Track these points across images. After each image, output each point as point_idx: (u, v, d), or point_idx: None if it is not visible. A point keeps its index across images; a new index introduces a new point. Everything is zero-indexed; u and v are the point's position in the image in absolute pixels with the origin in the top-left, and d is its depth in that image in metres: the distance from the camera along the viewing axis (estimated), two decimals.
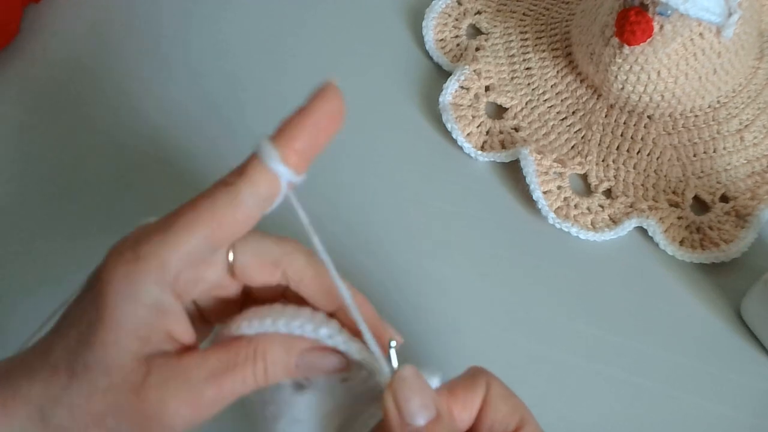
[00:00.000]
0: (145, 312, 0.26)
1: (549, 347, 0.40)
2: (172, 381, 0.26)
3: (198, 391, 0.26)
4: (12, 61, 0.52)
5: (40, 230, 0.45)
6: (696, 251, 0.41)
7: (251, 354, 0.27)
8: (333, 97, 0.30)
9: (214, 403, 0.26)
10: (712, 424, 0.37)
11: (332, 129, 0.30)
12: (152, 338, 0.26)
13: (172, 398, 0.26)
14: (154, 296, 0.26)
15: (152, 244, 0.26)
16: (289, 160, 0.28)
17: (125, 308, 0.26)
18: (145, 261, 0.26)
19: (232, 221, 0.27)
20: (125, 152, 0.47)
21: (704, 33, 0.41)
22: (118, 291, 0.26)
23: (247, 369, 0.27)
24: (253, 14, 0.53)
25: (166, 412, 0.25)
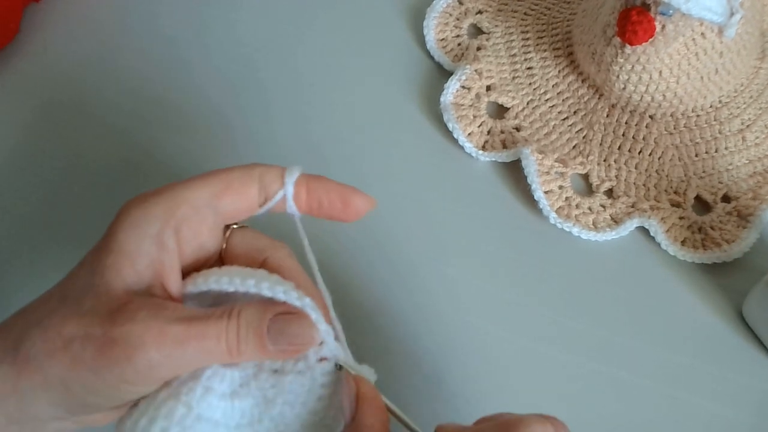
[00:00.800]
0: (147, 243, 0.28)
1: (549, 347, 0.40)
2: (145, 310, 0.26)
3: (167, 326, 0.26)
4: (12, 60, 0.51)
5: (40, 229, 0.45)
6: (698, 251, 0.41)
7: (226, 311, 0.27)
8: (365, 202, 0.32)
9: (177, 346, 0.26)
10: (713, 425, 0.37)
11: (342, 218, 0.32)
12: (146, 275, 0.27)
13: (140, 324, 0.26)
14: (158, 229, 0.28)
15: (167, 188, 0.29)
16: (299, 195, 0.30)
17: (129, 234, 0.28)
18: (157, 198, 0.28)
19: (238, 191, 0.29)
20: (125, 152, 0.47)
21: (706, 33, 0.41)
22: (127, 220, 0.28)
23: (221, 323, 0.27)
24: (253, 14, 0.53)
25: (130, 336, 0.26)
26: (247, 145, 0.47)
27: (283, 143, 0.47)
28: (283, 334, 0.28)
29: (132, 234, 0.28)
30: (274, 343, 0.27)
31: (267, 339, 0.27)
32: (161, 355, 0.26)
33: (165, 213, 0.28)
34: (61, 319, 0.27)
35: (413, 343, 0.40)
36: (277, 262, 0.31)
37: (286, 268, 0.31)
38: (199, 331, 0.26)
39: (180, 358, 0.26)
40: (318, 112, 0.48)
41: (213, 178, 0.29)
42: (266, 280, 0.29)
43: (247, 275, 0.29)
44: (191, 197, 0.29)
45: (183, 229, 0.28)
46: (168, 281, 0.28)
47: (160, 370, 0.26)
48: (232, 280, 0.28)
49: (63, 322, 0.26)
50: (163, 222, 0.28)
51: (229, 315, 0.27)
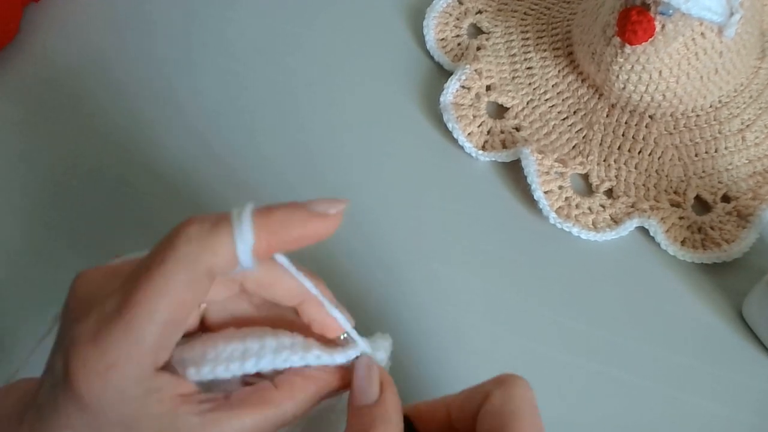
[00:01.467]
0: (139, 402, 0.24)
1: (549, 347, 0.40)
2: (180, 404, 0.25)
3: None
4: (12, 60, 0.51)
5: (40, 229, 0.45)
6: (697, 251, 0.41)
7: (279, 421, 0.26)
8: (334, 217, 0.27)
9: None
10: (713, 425, 0.37)
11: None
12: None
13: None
14: (143, 388, 0.24)
15: (117, 344, 0.24)
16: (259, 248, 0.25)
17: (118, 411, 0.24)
18: (116, 368, 0.24)
19: (189, 303, 0.25)
20: (125, 152, 0.47)
21: (706, 32, 0.41)
22: (102, 406, 0.24)
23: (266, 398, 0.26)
24: (253, 14, 0.53)
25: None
26: (245, 145, 0.47)
27: (282, 143, 0.47)
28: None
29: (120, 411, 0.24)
30: None
31: None
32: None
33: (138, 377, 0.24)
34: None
35: (413, 342, 0.40)
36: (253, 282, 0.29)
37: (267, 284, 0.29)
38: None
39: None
40: (317, 112, 0.48)
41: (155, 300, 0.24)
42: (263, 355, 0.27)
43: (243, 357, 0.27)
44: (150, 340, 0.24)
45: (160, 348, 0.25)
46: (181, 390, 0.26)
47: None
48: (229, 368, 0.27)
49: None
50: (142, 384, 0.24)
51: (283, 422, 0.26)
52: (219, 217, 0.25)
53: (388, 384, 0.28)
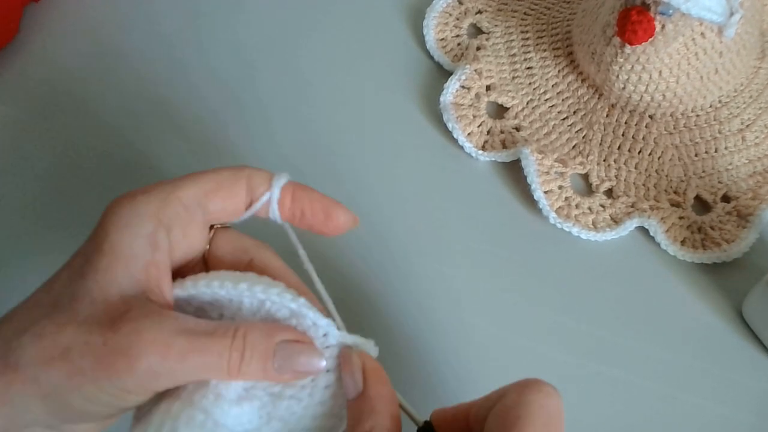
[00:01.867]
0: (141, 243, 0.27)
1: (549, 347, 0.40)
2: (148, 319, 0.26)
3: (170, 338, 0.26)
4: (12, 60, 0.51)
5: (40, 228, 0.45)
6: (697, 251, 0.41)
7: (231, 329, 0.27)
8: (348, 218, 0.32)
9: (180, 359, 0.25)
10: (713, 425, 0.37)
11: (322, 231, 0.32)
12: (140, 279, 0.27)
13: (145, 335, 0.25)
14: (151, 228, 0.27)
15: (157, 186, 0.28)
16: (284, 202, 0.31)
17: (122, 236, 0.27)
18: (147, 196, 0.28)
19: (228, 191, 0.29)
20: (125, 152, 0.47)
21: (706, 32, 0.41)
22: (117, 219, 0.27)
23: (225, 341, 0.26)
24: (253, 14, 0.53)
25: (133, 347, 0.25)
26: (245, 146, 0.47)
27: (283, 143, 0.47)
28: (290, 362, 0.27)
29: (124, 234, 0.27)
30: (278, 370, 0.27)
31: (272, 363, 0.27)
32: (163, 367, 0.25)
33: (156, 211, 0.28)
34: (57, 326, 0.26)
35: (412, 342, 0.40)
36: (263, 262, 0.31)
37: (273, 268, 0.30)
38: (203, 345, 0.26)
39: (180, 371, 0.26)
40: (317, 111, 0.48)
41: (202, 177, 0.29)
42: (258, 283, 0.28)
43: (238, 279, 0.28)
44: (182, 195, 0.28)
45: (174, 229, 0.28)
46: (163, 284, 0.27)
47: (158, 381, 0.26)
48: (224, 284, 0.28)
49: (59, 329, 0.26)
50: (155, 221, 0.27)
51: (234, 334, 0.26)
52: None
53: (373, 374, 0.28)
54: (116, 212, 0.28)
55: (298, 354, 0.27)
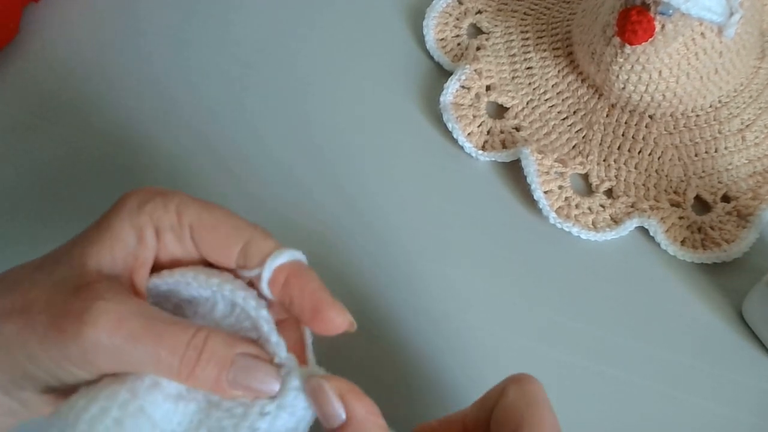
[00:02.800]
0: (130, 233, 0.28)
1: (549, 347, 0.40)
2: (112, 292, 0.26)
3: (127, 315, 0.25)
4: (11, 60, 0.51)
5: (40, 230, 0.45)
6: (697, 251, 0.41)
7: (193, 326, 0.26)
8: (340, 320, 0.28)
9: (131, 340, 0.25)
10: (713, 425, 0.37)
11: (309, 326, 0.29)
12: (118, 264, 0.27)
13: (101, 304, 0.25)
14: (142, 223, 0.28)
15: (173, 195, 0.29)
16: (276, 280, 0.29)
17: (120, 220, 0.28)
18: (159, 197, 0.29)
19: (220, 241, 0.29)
20: (126, 151, 0.47)
21: (706, 32, 0.41)
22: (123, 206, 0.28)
23: (185, 336, 0.26)
24: (253, 15, 0.53)
25: (85, 313, 0.25)
26: (246, 145, 0.47)
27: (282, 143, 0.47)
28: (247, 375, 0.26)
29: (121, 219, 0.28)
30: (231, 382, 0.26)
31: (227, 373, 0.26)
32: (110, 342, 0.25)
33: (153, 212, 0.28)
34: (30, 284, 0.27)
35: (412, 342, 0.40)
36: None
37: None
38: (159, 332, 0.25)
39: (127, 353, 0.25)
40: (317, 111, 0.48)
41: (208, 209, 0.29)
42: (230, 283, 0.28)
43: (212, 274, 0.28)
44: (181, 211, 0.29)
45: (165, 236, 0.29)
46: (137, 276, 0.28)
47: (103, 357, 0.25)
48: (197, 277, 0.28)
49: (30, 287, 0.26)
50: (148, 219, 0.28)
51: (195, 333, 0.26)
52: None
53: (351, 394, 0.26)
54: (125, 200, 0.29)
55: (255, 370, 0.26)
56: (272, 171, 0.46)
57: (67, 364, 0.25)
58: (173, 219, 0.29)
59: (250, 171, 0.46)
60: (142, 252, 0.28)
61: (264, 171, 0.46)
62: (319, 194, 0.45)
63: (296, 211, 0.44)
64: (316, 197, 0.45)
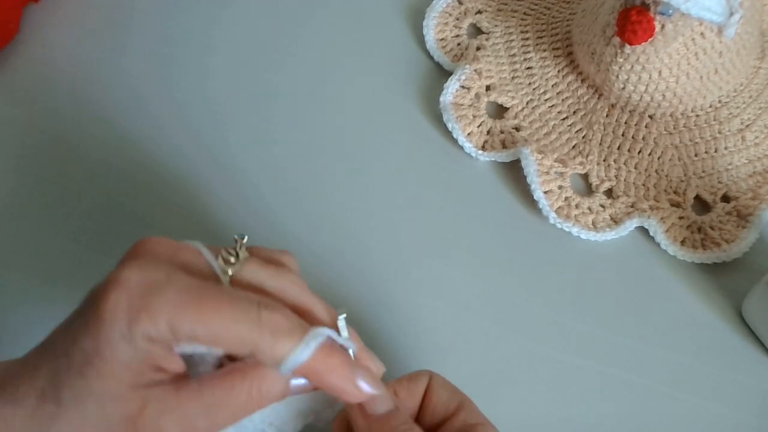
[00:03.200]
0: (140, 352, 0.26)
1: (550, 347, 0.40)
2: (168, 414, 0.26)
3: (192, 422, 0.27)
4: (11, 61, 0.51)
5: (39, 230, 0.45)
6: (697, 251, 0.41)
7: (246, 388, 0.27)
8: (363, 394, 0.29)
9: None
10: (713, 425, 0.37)
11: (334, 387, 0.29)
12: (145, 372, 0.26)
13: (168, 429, 0.26)
14: (148, 342, 0.26)
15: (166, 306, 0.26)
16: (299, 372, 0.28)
17: (123, 345, 0.25)
18: (151, 316, 0.25)
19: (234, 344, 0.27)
20: (125, 151, 0.47)
21: (705, 32, 0.41)
22: (117, 328, 0.25)
23: (241, 400, 0.27)
24: (253, 14, 0.53)
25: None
26: (246, 145, 0.47)
27: (282, 143, 0.47)
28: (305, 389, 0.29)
29: (124, 346, 0.26)
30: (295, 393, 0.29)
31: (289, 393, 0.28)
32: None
33: (157, 332, 0.26)
34: (74, 428, 0.26)
35: (412, 342, 0.40)
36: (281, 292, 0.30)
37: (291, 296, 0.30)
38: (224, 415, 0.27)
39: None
40: (316, 112, 0.48)
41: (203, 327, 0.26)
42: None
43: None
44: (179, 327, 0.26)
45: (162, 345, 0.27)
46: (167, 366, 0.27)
47: None
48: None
49: (78, 430, 0.26)
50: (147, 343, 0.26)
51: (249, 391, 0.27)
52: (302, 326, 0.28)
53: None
54: (114, 320, 0.26)
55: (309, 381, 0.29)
56: (271, 171, 0.46)
57: None
58: (167, 336, 0.26)
59: (249, 171, 0.46)
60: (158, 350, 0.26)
61: (263, 171, 0.46)
62: (318, 194, 0.45)
63: (296, 211, 0.44)
64: (316, 197, 0.45)
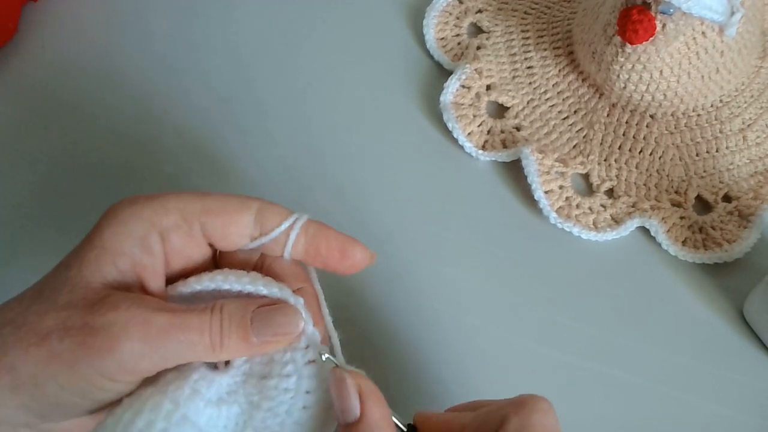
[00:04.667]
0: (131, 243, 0.27)
1: (550, 347, 0.40)
2: (128, 301, 0.26)
3: (151, 315, 0.26)
4: (10, 60, 0.51)
5: (39, 228, 0.45)
6: (698, 251, 0.41)
7: (209, 305, 0.27)
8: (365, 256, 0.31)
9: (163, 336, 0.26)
10: (714, 425, 0.37)
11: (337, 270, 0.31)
12: (127, 275, 0.27)
13: (124, 313, 0.25)
14: (144, 231, 0.27)
15: (160, 194, 0.28)
16: (297, 240, 0.30)
17: (114, 232, 0.27)
18: (148, 201, 0.28)
19: (231, 215, 0.29)
20: (123, 151, 0.47)
21: (707, 32, 0.41)
22: (113, 219, 0.27)
23: (204, 316, 0.26)
24: (253, 14, 0.53)
25: (113, 326, 0.25)
26: (246, 144, 0.47)
27: (282, 143, 0.47)
28: (268, 324, 0.27)
29: (117, 233, 0.27)
30: (258, 334, 0.27)
31: (251, 331, 0.27)
32: (145, 345, 0.25)
33: (153, 217, 0.28)
34: (37, 315, 0.26)
35: (412, 343, 0.40)
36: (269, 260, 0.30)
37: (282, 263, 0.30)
38: (183, 321, 0.26)
39: (163, 348, 0.26)
40: (317, 111, 0.48)
41: (208, 196, 0.29)
42: (261, 279, 0.29)
43: (241, 275, 0.29)
44: (183, 207, 0.28)
45: (171, 238, 0.28)
46: (149, 284, 0.28)
47: (141, 362, 0.25)
48: (227, 278, 0.28)
49: (39, 318, 0.25)
50: (150, 225, 0.27)
51: (212, 309, 0.27)
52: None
53: (370, 395, 0.27)
54: (114, 213, 0.28)
55: (274, 314, 0.27)
56: (272, 171, 0.46)
57: (103, 381, 0.25)
58: (176, 217, 0.28)
59: (250, 171, 0.46)
60: (149, 260, 0.27)
61: (263, 171, 0.46)
62: (318, 194, 0.45)
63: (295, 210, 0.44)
64: (316, 197, 0.45)
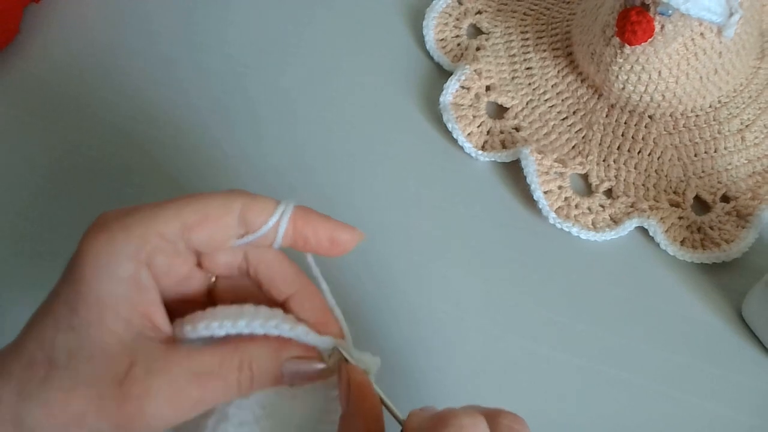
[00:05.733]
0: (123, 287, 0.26)
1: (549, 347, 0.40)
2: (156, 375, 0.26)
3: (181, 390, 0.26)
4: (12, 61, 0.51)
5: (39, 228, 0.45)
6: (697, 251, 0.41)
7: (237, 362, 0.27)
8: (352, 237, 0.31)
9: (193, 406, 0.26)
10: (713, 425, 0.37)
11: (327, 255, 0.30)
12: (134, 320, 0.26)
13: (155, 394, 0.25)
14: (131, 270, 0.26)
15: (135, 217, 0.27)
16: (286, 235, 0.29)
17: (103, 282, 0.26)
18: (124, 232, 0.26)
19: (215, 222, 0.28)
20: (124, 151, 0.47)
21: (705, 33, 0.41)
22: (93, 261, 0.26)
23: (232, 375, 0.27)
24: (253, 13, 0.53)
25: (147, 410, 0.25)
26: (245, 144, 0.47)
27: (281, 143, 0.47)
28: (299, 375, 0.28)
29: (104, 280, 0.26)
30: (290, 381, 0.28)
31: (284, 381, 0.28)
32: (177, 414, 0.26)
33: (136, 251, 0.26)
34: (63, 393, 0.25)
35: (412, 343, 0.40)
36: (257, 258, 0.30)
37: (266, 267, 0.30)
38: (213, 393, 0.27)
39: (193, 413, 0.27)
40: (316, 111, 0.48)
41: (187, 206, 0.27)
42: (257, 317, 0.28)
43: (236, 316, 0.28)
44: (163, 231, 0.27)
45: (156, 263, 0.27)
46: (156, 320, 0.27)
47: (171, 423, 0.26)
48: (223, 324, 0.28)
49: (67, 396, 0.25)
50: (135, 261, 0.26)
51: (240, 367, 0.27)
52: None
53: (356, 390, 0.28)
54: (93, 251, 0.26)
55: (303, 367, 0.28)
56: (272, 170, 0.46)
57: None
58: (158, 242, 0.27)
59: (250, 171, 0.46)
60: (146, 296, 0.27)
61: (264, 169, 0.46)
62: (318, 194, 0.45)
63: None
64: (316, 197, 0.45)
